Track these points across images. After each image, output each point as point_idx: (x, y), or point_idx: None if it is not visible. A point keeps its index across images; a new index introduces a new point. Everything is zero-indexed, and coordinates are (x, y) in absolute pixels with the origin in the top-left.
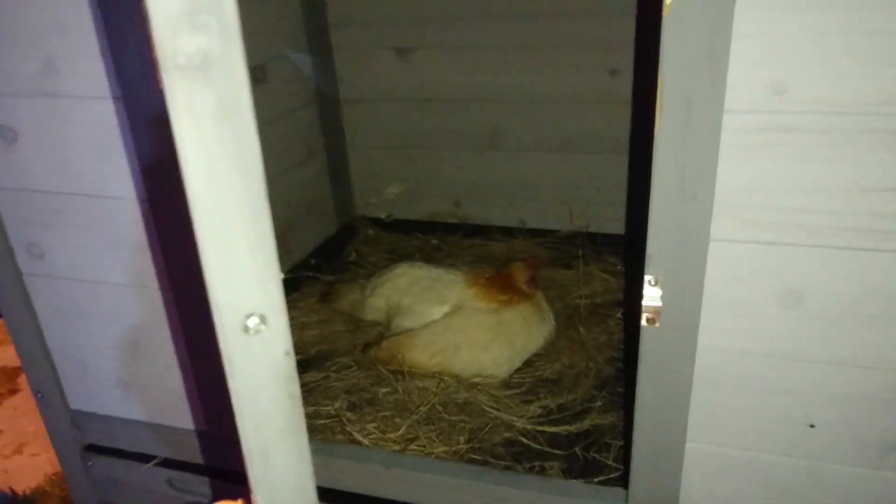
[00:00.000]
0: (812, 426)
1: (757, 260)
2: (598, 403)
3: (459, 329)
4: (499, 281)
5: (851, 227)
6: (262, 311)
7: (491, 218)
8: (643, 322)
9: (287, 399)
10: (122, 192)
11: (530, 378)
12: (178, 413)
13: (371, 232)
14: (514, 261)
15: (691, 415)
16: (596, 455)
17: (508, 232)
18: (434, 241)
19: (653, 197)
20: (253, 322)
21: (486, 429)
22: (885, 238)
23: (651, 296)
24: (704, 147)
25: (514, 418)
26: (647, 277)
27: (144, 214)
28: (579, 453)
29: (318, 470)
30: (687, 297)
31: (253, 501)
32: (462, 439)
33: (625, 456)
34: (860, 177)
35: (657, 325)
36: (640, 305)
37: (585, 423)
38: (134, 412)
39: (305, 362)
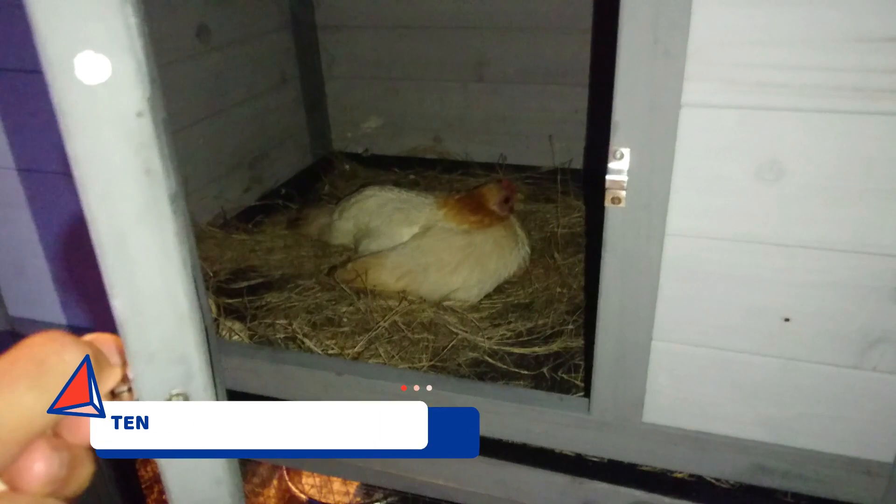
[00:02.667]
0: (787, 320)
1: (734, 127)
2: (570, 327)
3: (428, 250)
4: (470, 202)
5: (840, 85)
6: (104, 52)
7: (472, 153)
8: (607, 202)
9: (143, 175)
10: None
11: (501, 303)
12: None
13: (347, 167)
14: (487, 183)
15: (658, 309)
16: (564, 375)
17: (489, 168)
18: (412, 177)
19: (620, 53)
20: (88, 66)
21: (450, 347)
22: (877, 98)
23: (616, 170)
24: None
25: (481, 339)
26: (611, 150)
27: None
28: (547, 374)
29: (264, 378)
30: (656, 170)
31: (112, 306)
32: (424, 357)
33: (587, 365)
34: (854, 25)
35: (622, 204)
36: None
37: (555, 346)
38: (75, 317)
39: (268, 284)
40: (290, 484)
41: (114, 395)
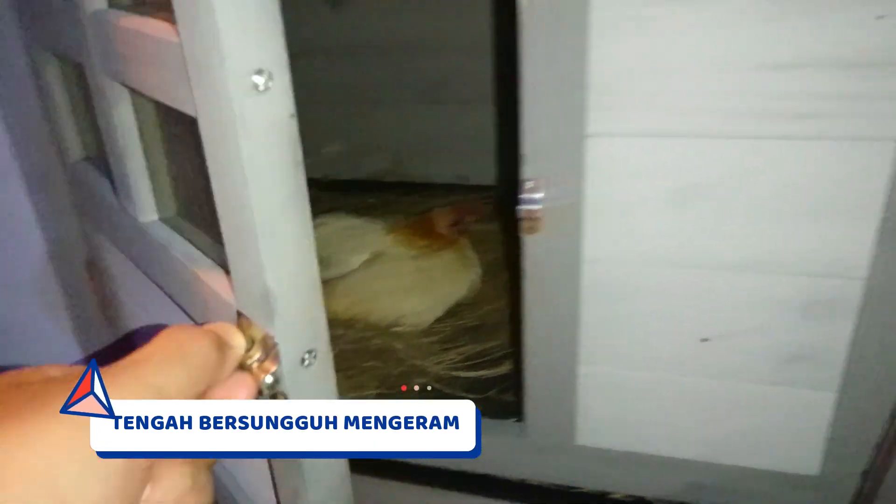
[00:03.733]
0: (705, 340)
1: (640, 154)
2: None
3: (378, 276)
4: (419, 226)
5: (742, 110)
6: (270, 68)
7: (432, 175)
8: (523, 232)
9: (293, 167)
10: None
11: (451, 327)
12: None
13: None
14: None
15: (581, 334)
16: (511, 398)
17: (450, 188)
18: (370, 200)
19: (523, 87)
20: (260, 80)
21: (398, 374)
22: (777, 121)
23: (529, 200)
24: (572, 22)
25: (430, 364)
26: (522, 181)
27: None
28: (494, 396)
29: None
30: (567, 200)
31: (265, 281)
32: (372, 385)
33: (516, 387)
34: (750, 51)
35: (538, 233)
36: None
37: (503, 368)
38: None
39: None
40: None
41: (242, 369)
